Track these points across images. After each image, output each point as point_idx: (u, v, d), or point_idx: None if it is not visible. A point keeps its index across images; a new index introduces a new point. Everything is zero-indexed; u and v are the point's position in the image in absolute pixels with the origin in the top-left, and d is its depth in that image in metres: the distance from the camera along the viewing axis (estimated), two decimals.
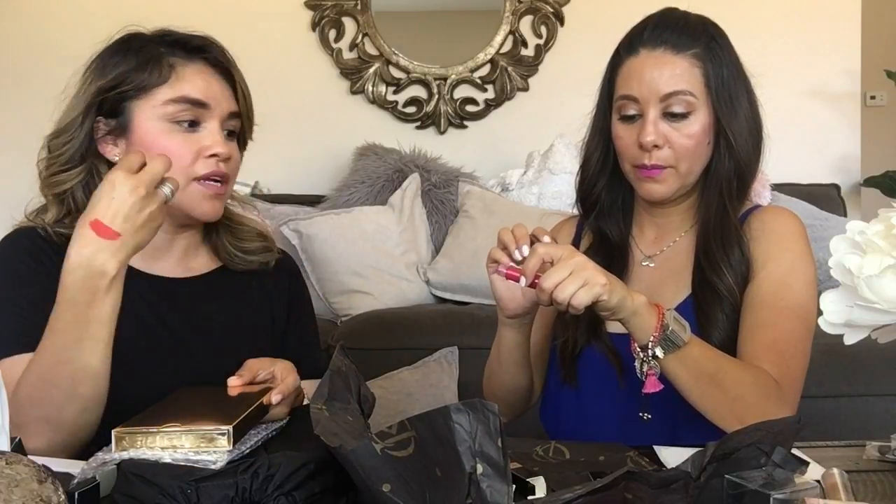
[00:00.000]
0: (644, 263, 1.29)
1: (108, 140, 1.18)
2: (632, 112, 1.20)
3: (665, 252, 1.29)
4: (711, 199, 1.24)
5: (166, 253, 1.23)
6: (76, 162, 1.17)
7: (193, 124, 1.16)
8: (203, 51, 1.21)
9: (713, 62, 1.20)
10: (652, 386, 1.08)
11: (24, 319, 1.10)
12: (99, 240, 0.96)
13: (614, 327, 1.24)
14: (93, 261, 0.97)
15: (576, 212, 1.39)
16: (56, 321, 1.00)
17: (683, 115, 1.19)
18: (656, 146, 1.18)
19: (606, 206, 1.31)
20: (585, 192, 1.32)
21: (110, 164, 1.17)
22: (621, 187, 1.30)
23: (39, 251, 1.15)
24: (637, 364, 1.09)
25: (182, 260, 1.25)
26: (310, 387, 1.22)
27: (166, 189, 1.01)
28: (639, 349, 1.08)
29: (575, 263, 1.02)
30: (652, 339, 1.05)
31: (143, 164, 1.00)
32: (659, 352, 1.05)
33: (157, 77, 1.16)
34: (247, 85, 1.25)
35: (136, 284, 1.18)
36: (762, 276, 1.19)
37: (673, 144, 1.19)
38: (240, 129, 1.23)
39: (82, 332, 0.99)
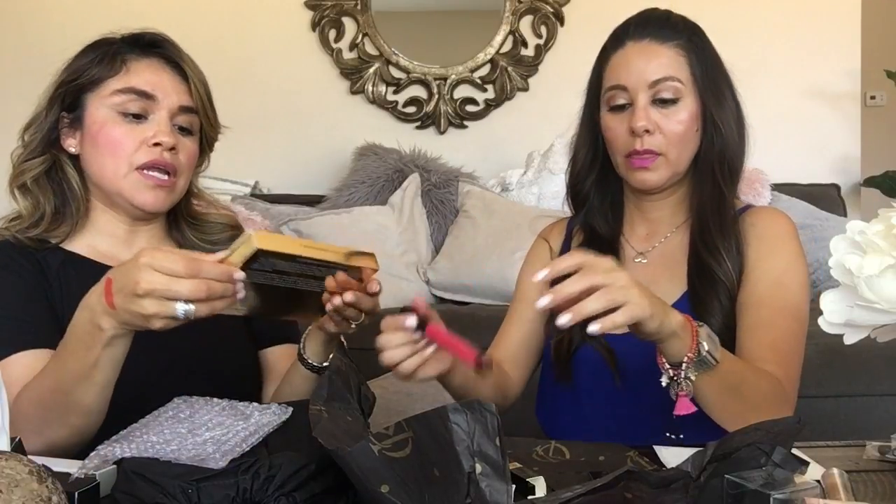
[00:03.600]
0: (637, 260, 1.30)
1: (69, 132, 1.23)
2: (621, 101, 1.23)
3: (657, 248, 1.29)
4: (704, 186, 1.25)
5: (132, 245, 1.25)
6: (38, 152, 1.22)
7: (141, 116, 1.19)
8: (156, 46, 1.24)
9: (696, 53, 1.24)
10: (684, 408, 1.02)
11: (10, 322, 1.12)
12: (102, 296, 0.93)
13: None
14: (94, 311, 0.94)
15: (567, 212, 1.40)
16: (62, 350, 1.01)
17: (672, 101, 1.21)
18: (647, 131, 1.20)
19: (597, 203, 1.32)
20: (575, 189, 1.34)
21: (70, 156, 1.23)
22: (610, 183, 1.31)
23: (11, 261, 1.18)
24: (664, 381, 1.02)
25: None
26: (287, 351, 1.24)
27: (180, 308, 0.89)
28: (668, 366, 1.02)
29: (612, 278, 0.91)
30: (686, 359, 0.99)
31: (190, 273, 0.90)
32: (693, 374, 1.00)
33: (109, 70, 1.20)
34: (204, 82, 1.26)
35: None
36: (757, 276, 1.20)
37: (664, 130, 1.21)
38: (199, 128, 1.25)
39: (80, 370, 0.98)
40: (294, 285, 1.00)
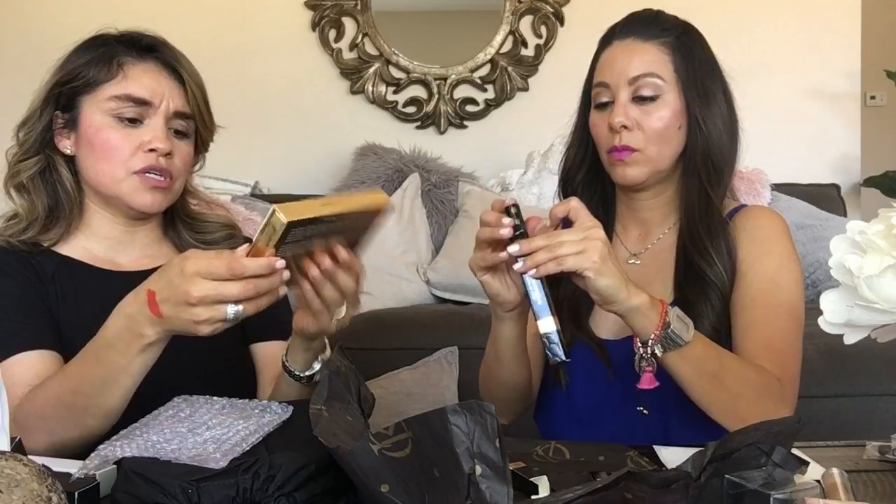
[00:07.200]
0: (630, 262, 1.29)
1: (63, 133, 1.22)
2: (605, 99, 1.24)
3: (651, 249, 1.29)
4: (692, 188, 1.25)
5: (128, 246, 1.25)
6: (33, 152, 1.21)
7: (136, 121, 1.19)
8: (154, 50, 1.23)
9: (683, 52, 1.24)
10: (647, 382, 1.09)
11: (10, 324, 1.13)
12: (146, 306, 0.95)
13: (600, 329, 1.24)
14: (134, 320, 0.96)
15: None
16: (88, 353, 1.01)
17: (652, 98, 1.22)
18: (625, 127, 1.21)
19: (584, 200, 1.32)
20: (565, 185, 1.35)
21: (64, 156, 1.22)
22: (600, 182, 1.32)
23: (7, 265, 1.18)
24: (636, 359, 1.09)
25: (145, 252, 1.27)
26: (279, 349, 1.21)
27: (231, 310, 0.92)
28: (640, 344, 1.08)
29: (586, 230, 1.03)
30: (653, 336, 1.05)
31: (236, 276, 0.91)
32: (658, 350, 1.05)
33: (105, 73, 1.19)
34: (201, 87, 1.25)
35: (102, 284, 1.20)
36: (752, 276, 1.20)
37: (643, 127, 1.21)
38: (195, 132, 1.25)
39: (107, 375, 0.99)
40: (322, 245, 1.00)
